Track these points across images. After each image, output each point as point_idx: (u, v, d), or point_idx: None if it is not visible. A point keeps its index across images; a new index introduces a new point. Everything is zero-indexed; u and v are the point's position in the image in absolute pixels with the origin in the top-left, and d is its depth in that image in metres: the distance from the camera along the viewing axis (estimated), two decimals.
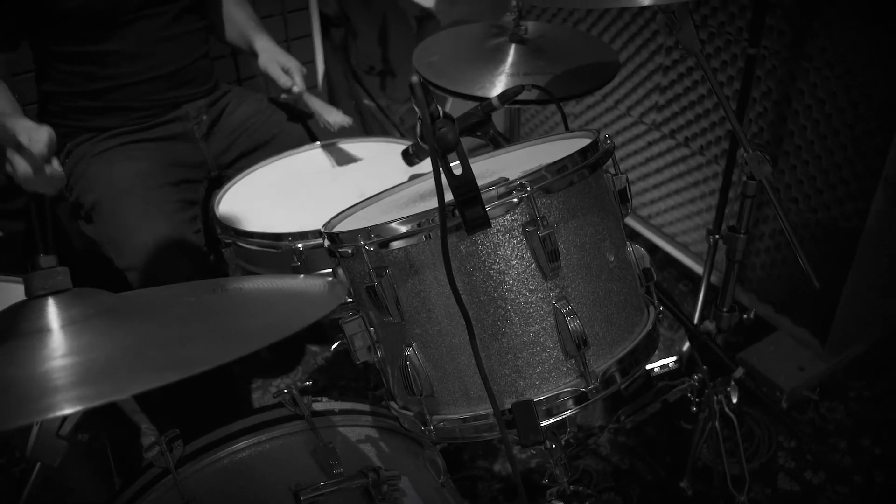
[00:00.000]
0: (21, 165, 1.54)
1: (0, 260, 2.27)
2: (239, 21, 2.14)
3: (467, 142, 1.20)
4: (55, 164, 1.57)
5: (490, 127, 1.52)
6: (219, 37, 2.18)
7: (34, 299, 0.93)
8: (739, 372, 1.63)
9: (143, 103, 1.99)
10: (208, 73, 2.12)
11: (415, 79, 0.89)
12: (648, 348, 1.20)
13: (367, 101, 2.95)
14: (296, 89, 1.98)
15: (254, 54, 2.08)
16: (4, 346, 0.88)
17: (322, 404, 1.36)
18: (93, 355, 0.84)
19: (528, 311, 1.10)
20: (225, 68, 2.64)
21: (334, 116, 1.98)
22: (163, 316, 0.99)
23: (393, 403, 1.28)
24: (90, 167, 1.94)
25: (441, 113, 0.94)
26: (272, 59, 2.03)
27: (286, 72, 2.00)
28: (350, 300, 1.21)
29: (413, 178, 1.51)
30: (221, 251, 1.72)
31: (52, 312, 0.91)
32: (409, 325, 1.14)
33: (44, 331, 0.89)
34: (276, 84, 2.01)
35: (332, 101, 2.98)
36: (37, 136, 1.54)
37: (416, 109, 0.91)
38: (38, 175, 1.55)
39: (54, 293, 0.93)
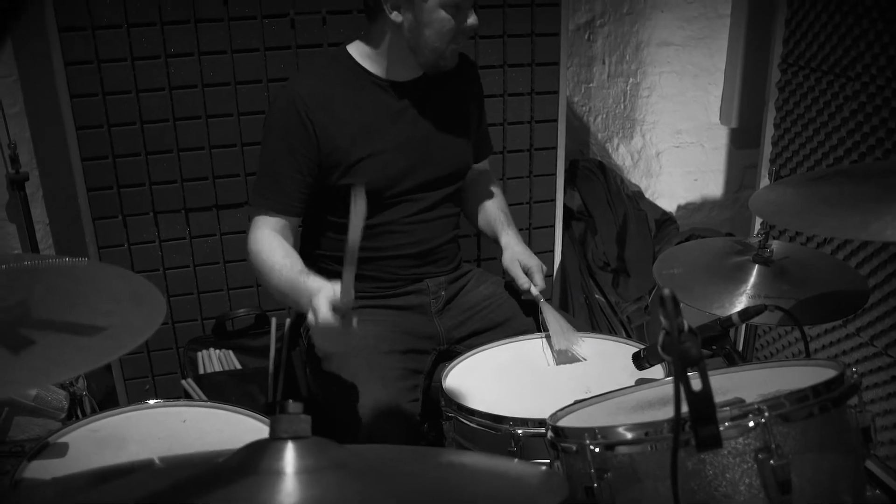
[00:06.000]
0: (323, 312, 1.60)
1: (234, 393, 2.42)
2: (490, 213, 2.28)
3: None
4: (354, 321, 1.62)
5: (726, 342, 1.50)
6: (472, 221, 2.33)
7: (277, 440, 0.98)
8: None
9: (390, 275, 2.12)
10: (454, 254, 2.24)
11: (667, 291, 0.92)
12: None
13: (597, 296, 2.98)
14: (534, 291, 2.06)
15: (498, 246, 2.20)
16: (244, 481, 0.94)
17: None
18: None
19: None
20: (468, 247, 2.79)
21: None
22: (386, 480, 1.02)
23: None
24: None
25: (686, 326, 0.95)
26: (514, 258, 2.12)
27: (526, 272, 2.08)
28: None
29: (639, 381, 1.51)
30: (441, 423, 1.76)
31: (290, 457, 0.95)
32: None
33: (280, 473, 0.93)
34: (516, 282, 2.09)
35: (564, 291, 3.04)
36: (333, 292, 1.62)
37: (663, 321, 0.93)
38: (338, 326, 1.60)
39: (295, 438, 0.98)
